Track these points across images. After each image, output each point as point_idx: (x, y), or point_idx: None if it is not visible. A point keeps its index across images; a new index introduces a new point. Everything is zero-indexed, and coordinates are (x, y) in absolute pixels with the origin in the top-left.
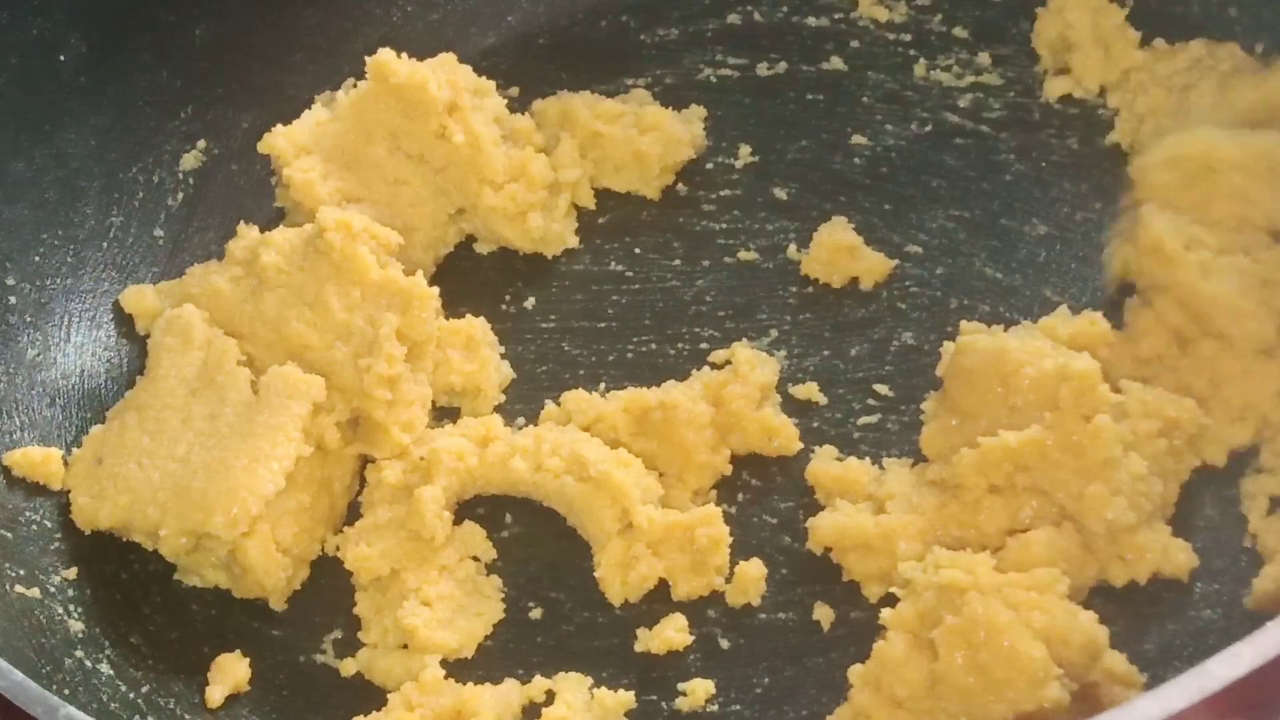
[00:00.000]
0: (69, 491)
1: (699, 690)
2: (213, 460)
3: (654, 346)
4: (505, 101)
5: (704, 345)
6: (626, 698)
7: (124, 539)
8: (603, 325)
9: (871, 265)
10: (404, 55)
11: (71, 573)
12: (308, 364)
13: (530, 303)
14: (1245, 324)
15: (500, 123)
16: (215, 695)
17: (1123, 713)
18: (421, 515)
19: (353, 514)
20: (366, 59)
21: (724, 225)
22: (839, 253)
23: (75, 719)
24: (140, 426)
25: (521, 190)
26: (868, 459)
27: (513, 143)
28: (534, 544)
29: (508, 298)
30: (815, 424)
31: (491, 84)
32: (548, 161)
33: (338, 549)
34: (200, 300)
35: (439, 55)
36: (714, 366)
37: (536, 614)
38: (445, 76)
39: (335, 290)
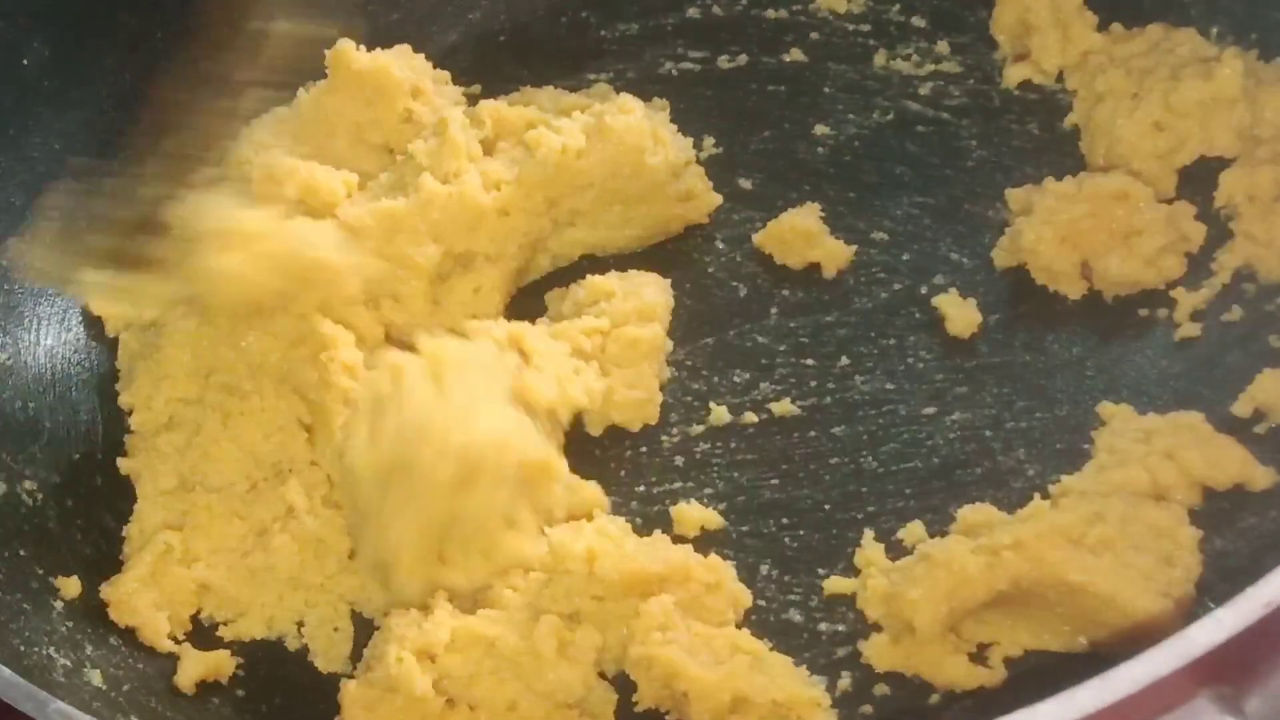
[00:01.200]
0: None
1: None
2: None
3: None
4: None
5: None
6: None
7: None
8: None
9: (832, 252)
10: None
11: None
12: (270, 370)
13: None
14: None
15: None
16: (185, 679)
17: (1105, 679)
18: None
19: None
20: (326, 52)
21: None
22: (799, 236)
23: (66, 713)
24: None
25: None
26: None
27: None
28: None
29: None
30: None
31: (447, 74)
32: None
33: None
34: (171, 349)
35: (395, 47)
36: None
37: None
38: (406, 61)
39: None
